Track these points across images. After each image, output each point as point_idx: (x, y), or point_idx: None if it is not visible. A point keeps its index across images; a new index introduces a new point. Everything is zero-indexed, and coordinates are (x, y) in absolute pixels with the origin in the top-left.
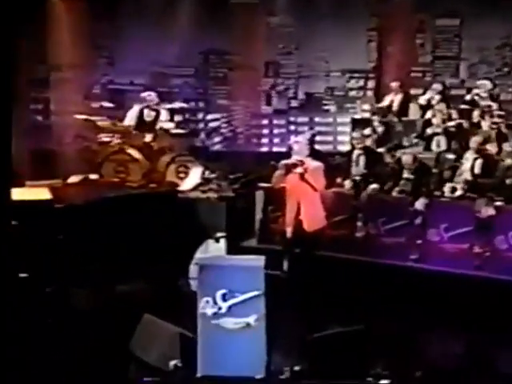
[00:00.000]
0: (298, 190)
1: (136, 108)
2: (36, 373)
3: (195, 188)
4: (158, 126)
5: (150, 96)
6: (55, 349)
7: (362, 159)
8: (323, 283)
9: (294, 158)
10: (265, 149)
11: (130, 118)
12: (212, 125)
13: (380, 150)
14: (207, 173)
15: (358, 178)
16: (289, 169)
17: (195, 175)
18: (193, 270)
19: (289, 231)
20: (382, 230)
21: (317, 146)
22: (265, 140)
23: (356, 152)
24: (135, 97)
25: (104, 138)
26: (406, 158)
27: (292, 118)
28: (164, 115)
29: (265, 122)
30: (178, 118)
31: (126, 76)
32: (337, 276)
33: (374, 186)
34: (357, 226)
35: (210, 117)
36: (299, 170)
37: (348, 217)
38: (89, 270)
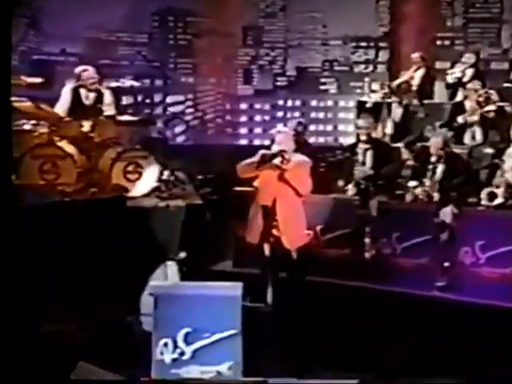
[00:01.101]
0: (275, 191)
1: (69, 87)
2: None
3: (150, 193)
4: (99, 112)
5: (88, 71)
6: None
7: (370, 155)
8: (318, 319)
9: (275, 148)
10: (243, 141)
11: (62, 101)
12: (173, 110)
13: (395, 143)
14: (166, 173)
15: (364, 180)
16: (265, 160)
17: (150, 176)
18: (146, 302)
19: (266, 249)
20: (398, 248)
21: (309, 138)
22: (243, 130)
23: (362, 146)
24: (68, 71)
25: (25, 125)
26: (435, 142)
27: (279, 102)
28: (107, 97)
29: (243, 106)
30: (126, 100)
31: (54, 43)
32: (337, 310)
33: (385, 190)
34: (364, 244)
35: (169, 99)
36: (279, 164)
37: (352, 231)
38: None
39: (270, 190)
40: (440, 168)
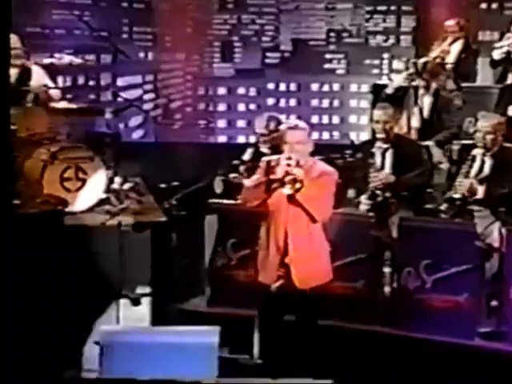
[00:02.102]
0: (285, 217)
1: None
2: None
3: (97, 208)
4: (24, 95)
5: (10, 41)
6: None
7: (391, 157)
8: (324, 372)
9: (285, 155)
10: (221, 138)
11: None
12: (126, 95)
13: (424, 141)
14: (118, 181)
15: (383, 190)
16: (270, 169)
17: (96, 185)
18: (91, 353)
19: (271, 291)
20: (428, 281)
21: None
22: (221, 123)
23: (380, 145)
24: None
25: None
26: (485, 126)
27: (269, 85)
28: (37, 76)
29: (221, 90)
30: (63, 81)
31: None
32: (346, 363)
33: (410, 203)
34: (382, 275)
35: (122, 81)
36: (290, 182)
37: (366, 258)
38: None
39: (280, 215)
40: (488, 163)
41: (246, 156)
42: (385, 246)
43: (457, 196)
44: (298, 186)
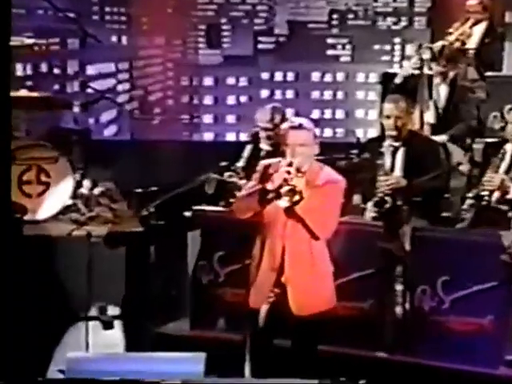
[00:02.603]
0: (282, 233)
1: None
2: None
3: (62, 215)
4: None
5: None
6: None
7: (402, 157)
8: None
9: (286, 160)
10: (208, 136)
11: None
12: (97, 86)
13: (439, 136)
14: (87, 184)
15: (393, 195)
16: (267, 176)
17: (62, 190)
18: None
19: (262, 313)
20: (446, 300)
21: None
22: (207, 118)
23: (390, 143)
24: None
25: None
26: None
27: (263, 74)
28: None
29: (207, 81)
30: (22, 69)
31: None
32: None
33: (425, 210)
34: (393, 294)
35: (92, 69)
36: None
37: (374, 274)
38: None
39: (276, 228)
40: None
41: (246, 153)
42: (396, 260)
43: (484, 193)
44: (296, 198)
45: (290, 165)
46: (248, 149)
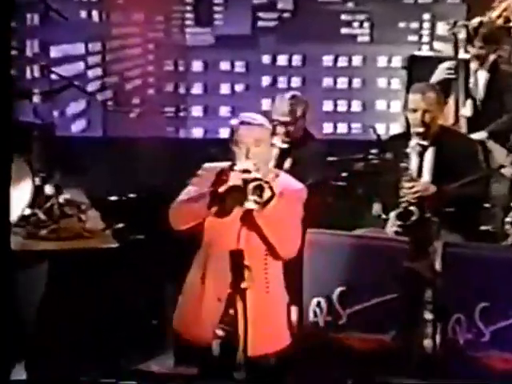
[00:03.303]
0: (234, 245)
1: None
2: None
3: (17, 227)
4: None
5: None
6: None
7: (432, 159)
8: None
9: (242, 165)
10: (197, 131)
11: None
12: (63, 71)
13: (477, 133)
14: (50, 190)
15: (420, 204)
16: (217, 179)
17: (18, 196)
18: None
19: (215, 346)
20: (485, 332)
21: (316, 126)
22: (196, 111)
23: (417, 141)
24: None
25: None
26: None
27: (264, 58)
28: None
29: (197, 65)
30: None
31: None
32: None
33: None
34: (421, 323)
35: (56, 51)
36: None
37: (398, 299)
38: None
39: (224, 243)
40: None
41: None
42: (424, 282)
43: None
44: (267, 195)
45: (247, 171)
46: None
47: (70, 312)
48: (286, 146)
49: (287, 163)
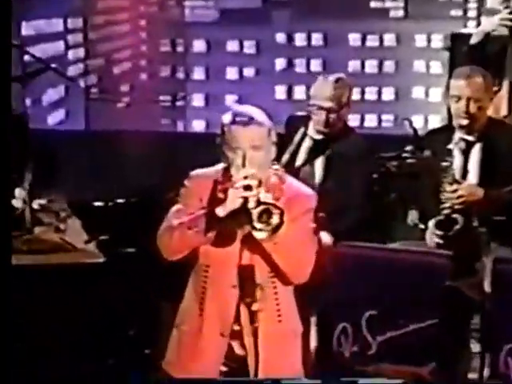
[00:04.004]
0: (236, 274)
1: None
2: None
3: None
4: None
5: None
6: None
7: (478, 157)
8: None
9: (241, 181)
10: (197, 124)
11: None
12: (37, 52)
13: None
14: (21, 194)
15: (464, 211)
16: (215, 196)
17: None
18: None
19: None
20: None
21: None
22: (197, 99)
23: (461, 135)
24: None
25: None
26: None
27: (277, 36)
28: None
29: (198, 45)
30: None
31: None
32: None
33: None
34: (467, 355)
35: (28, 28)
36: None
37: (439, 326)
38: None
39: (226, 276)
40: None
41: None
42: (470, 305)
43: None
44: (275, 221)
45: (246, 178)
46: (298, 136)
47: (44, 339)
48: (321, 137)
49: (319, 161)
